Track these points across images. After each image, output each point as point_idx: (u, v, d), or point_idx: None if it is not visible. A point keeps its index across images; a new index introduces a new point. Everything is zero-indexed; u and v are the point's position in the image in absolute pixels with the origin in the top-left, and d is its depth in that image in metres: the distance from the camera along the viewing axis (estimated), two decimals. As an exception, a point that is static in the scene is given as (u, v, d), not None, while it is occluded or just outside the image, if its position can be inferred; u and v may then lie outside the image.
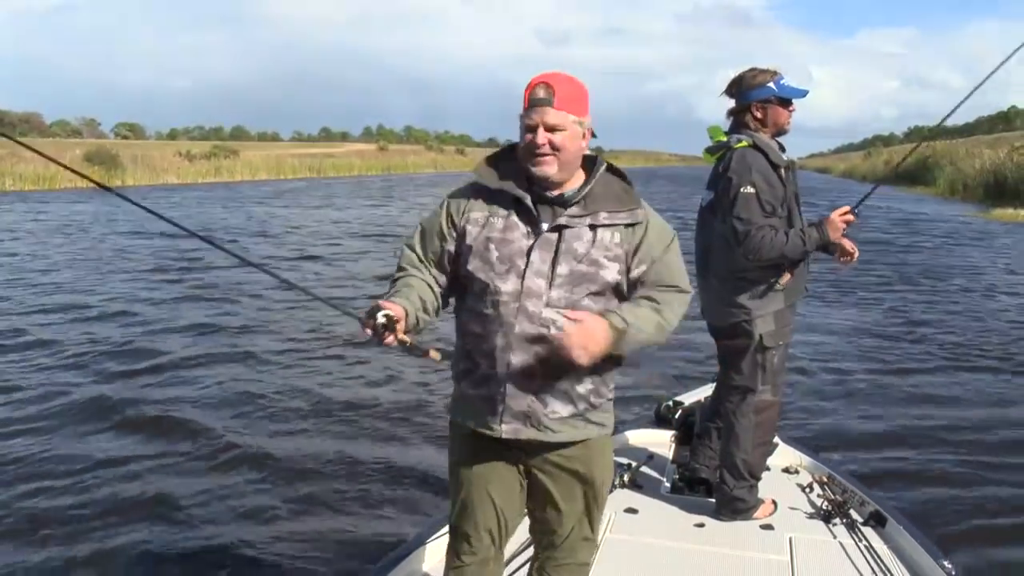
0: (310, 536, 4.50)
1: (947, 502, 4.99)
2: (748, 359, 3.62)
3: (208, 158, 51.92)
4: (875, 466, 5.51)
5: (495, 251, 2.26)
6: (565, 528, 2.46)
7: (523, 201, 2.27)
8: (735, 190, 3.42)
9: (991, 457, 5.74)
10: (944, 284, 13.50)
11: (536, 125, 2.21)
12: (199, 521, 4.67)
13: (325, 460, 5.57)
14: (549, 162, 2.23)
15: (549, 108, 2.20)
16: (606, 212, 2.27)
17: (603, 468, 2.45)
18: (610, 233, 2.27)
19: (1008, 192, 29.24)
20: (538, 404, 2.28)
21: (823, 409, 6.82)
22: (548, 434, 2.30)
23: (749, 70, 3.58)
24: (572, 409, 2.30)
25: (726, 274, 3.57)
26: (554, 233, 2.25)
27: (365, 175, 60.86)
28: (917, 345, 9.19)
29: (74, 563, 4.19)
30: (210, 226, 20.16)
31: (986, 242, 19.89)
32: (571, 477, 2.39)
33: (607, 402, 2.40)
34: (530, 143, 2.23)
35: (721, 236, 3.54)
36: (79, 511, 4.74)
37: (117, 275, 13.23)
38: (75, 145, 50.22)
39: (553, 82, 2.22)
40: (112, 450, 5.72)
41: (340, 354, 8.36)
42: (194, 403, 6.77)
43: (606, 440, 2.45)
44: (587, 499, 2.44)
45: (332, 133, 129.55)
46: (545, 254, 2.24)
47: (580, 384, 2.29)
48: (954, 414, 6.73)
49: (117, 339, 8.80)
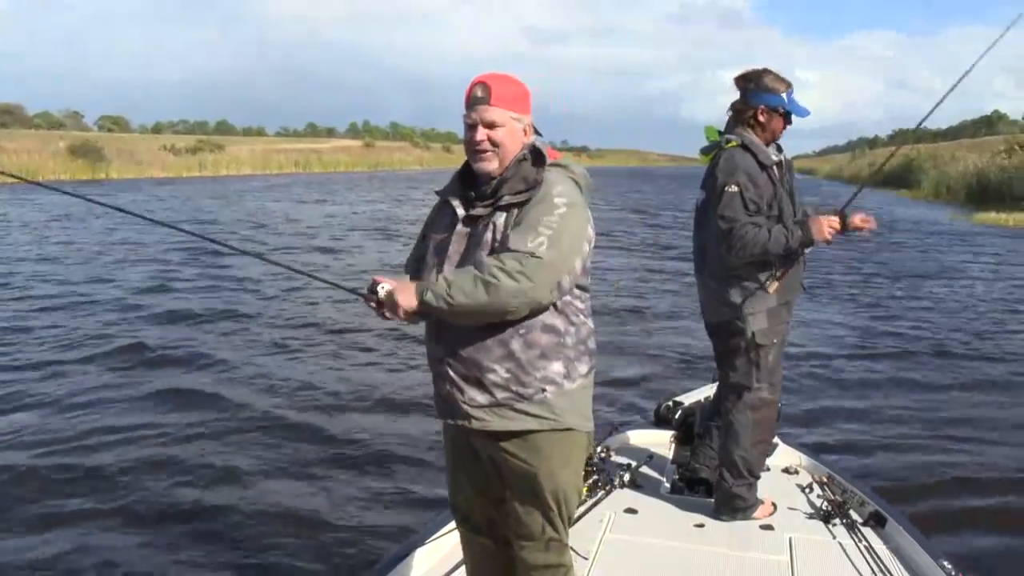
0: (310, 536, 4.48)
1: (945, 500, 5.03)
2: (742, 357, 3.65)
3: (193, 152, 51.61)
4: (871, 463, 5.54)
5: (430, 246, 2.42)
6: (524, 523, 2.44)
7: (449, 200, 2.41)
8: (720, 188, 3.50)
9: (990, 455, 5.80)
10: (931, 283, 13.62)
11: (475, 123, 2.32)
12: (197, 521, 4.64)
13: (325, 460, 5.55)
14: (489, 158, 2.33)
15: (486, 106, 2.31)
16: (510, 195, 2.31)
17: (555, 465, 2.37)
18: (513, 216, 2.29)
19: (991, 196, 29.46)
20: (456, 391, 2.33)
21: (822, 409, 6.85)
22: (473, 422, 2.33)
23: (768, 72, 3.59)
24: (489, 398, 2.30)
25: (720, 272, 3.62)
26: (468, 226, 2.34)
27: (351, 171, 60.66)
28: (912, 343, 9.25)
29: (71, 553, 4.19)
30: (208, 220, 20.07)
31: (968, 244, 20.01)
32: (518, 470, 2.37)
33: (543, 392, 2.31)
34: (470, 140, 2.34)
35: (714, 235, 3.57)
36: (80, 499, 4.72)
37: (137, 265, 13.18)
38: (59, 137, 49.75)
39: (490, 81, 2.33)
40: (104, 435, 5.75)
41: (346, 343, 8.41)
42: (185, 397, 6.76)
43: (561, 437, 2.36)
44: (537, 497, 2.39)
45: (318, 129, 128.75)
46: (460, 245, 2.34)
47: (491, 372, 2.28)
48: (950, 410, 6.81)
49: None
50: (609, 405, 6.56)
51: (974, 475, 5.44)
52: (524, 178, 2.32)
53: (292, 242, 17.71)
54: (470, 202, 2.37)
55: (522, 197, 2.29)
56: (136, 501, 4.82)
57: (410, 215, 24.67)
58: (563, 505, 2.43)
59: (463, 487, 2.58)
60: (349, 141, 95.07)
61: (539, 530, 2.43)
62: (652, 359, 7.72)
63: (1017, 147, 32.11)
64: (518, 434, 2.33)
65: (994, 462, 5.67)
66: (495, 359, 2.28)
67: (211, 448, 5.68)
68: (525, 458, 2.35)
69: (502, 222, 2.28)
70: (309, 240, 18.19)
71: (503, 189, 2.32)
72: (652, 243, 19.47)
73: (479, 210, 2.33)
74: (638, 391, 6.96)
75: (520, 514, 2.43)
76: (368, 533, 4.51)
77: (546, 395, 2.31)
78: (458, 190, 2.42)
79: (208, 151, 52.78)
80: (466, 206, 2.37)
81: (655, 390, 6.79)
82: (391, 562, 3.16)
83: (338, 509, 4.81)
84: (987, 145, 40.77)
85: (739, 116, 3.63)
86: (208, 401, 6.64)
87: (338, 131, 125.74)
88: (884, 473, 5.37)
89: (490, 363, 2.28)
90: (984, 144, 42.26)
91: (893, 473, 5.42)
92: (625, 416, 6.06)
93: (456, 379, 2.32)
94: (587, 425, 2.43)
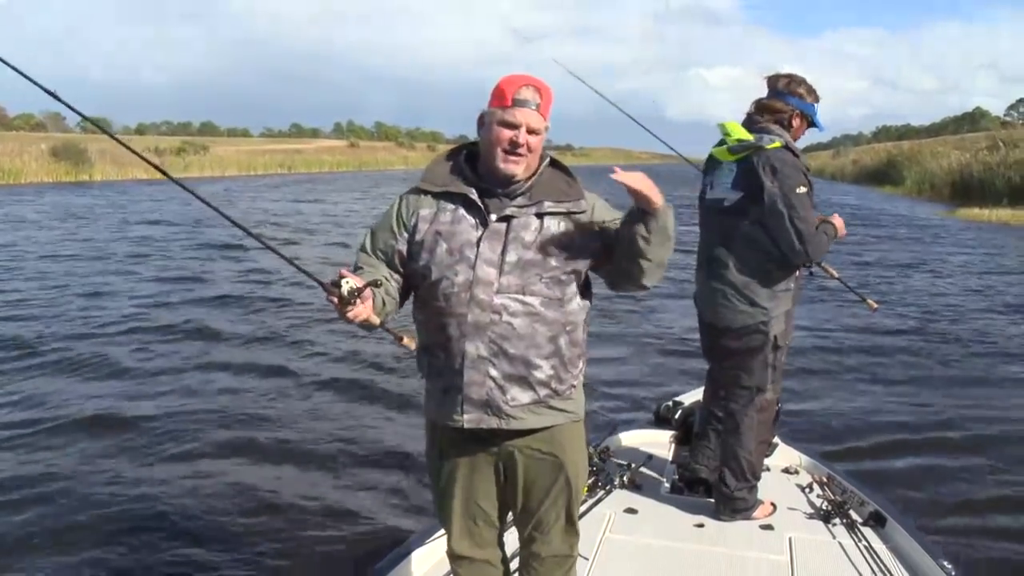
0: (310, 536, 4.46)
1: (945, 500, 5.05)
2: (759, 359, 3.62)
3: (177, 153, 51.28)
4: (871, 463, 5.55)
5: (444, 244, 2.29)
6: (544, 518, 2.47)
7: (469, 196, 2.31)
8: (790, 190, 3.43)
9: (986, 453, 5.83)
10: (928, 281, 13.68)
11: (520, 124, 2.25)
12: (195, 520, 4.61)
13: (324, 459, 5.54)
14: (520, 161, 2.27)
15: (536, 112, 2.26)
16: (551, 201, 2.31)
17: (575, 454, 2.46)
18: (556, 222, 2.31)
19: (974, 192, 29.67)
20: (497, 392, 2.29)
21: (821, 409, 6.86)
22: (511, 422, 2.32)
23: (805, 81, 3.63)
24: (533, 395, 2.31)
25: (750, 274, 3.56)
26: (502, 223, 2.29)
27: (336, 171, 60.48)
28: (911, 343, 9.30)
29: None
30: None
31: (951, 239, 20.15)
32: (542, 465, 2.40)
33: (572, 388, 2.39)
34: (512, 140, 2.25)
35: (745, 237, 3.53)
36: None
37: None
38: (41, 139, 49.30)
39: (542, 88, 2.28)
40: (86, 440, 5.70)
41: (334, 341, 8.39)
42: (178, 396, 6.70)
43: (576, 427, 2.46)
44: (562, 486, 2.44)
45: (303, 129, 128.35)
46: (495, 244, 2.27)
47: (538, 370, 2.30)
48: (951, 410, 6.84)
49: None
50: (609, 405, 6.57)
51: (974, 475, 5.45)
52: (562, 190, 2.33)
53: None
54: (489, 199, 2.32)
55: (563, 207, 2.31)
56: (115, 509, 4.75)
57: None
58: (577, 492, 2.51)
59: (461, 496, 2.47)
60: (334, 141, 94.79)
61: (558, 520, 2.49)
62: (652, 359, 7.72)
63: (1000, 143, 32.35)
64: (544, 429, 2.37)
65: (995, 462, 5.68)
66: (544, 356, 2.30)
67: (206, 443, 5.68)
68: (551, 451, 2.40)
69: (536, 226, 2.28)
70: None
71: (540, 195, 2.31)
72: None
73: (513, 210, 2.29)
74: (638, 391, 6.96)
75: (539, 508, 2.46)
76: (368, 533, 4.50)
77: (573, 391, 2.40)
78: (477, 186, 2.33)
79: (193, 152, 52.46)
80: (487, 204, 2.31)
81: (655, 390, 6.81)
82: (391, 562, 3.15)
83: (338, 509, 4.80)
84: (970, 142, 41.03)
85: (776, 115, 3.59)
86: (176, 404, 6.59)
87: (323, 131, 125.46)
88: (884, 473, 5.37)
89: (539, 360, 2.30)
90: (967, 141, 42.50)
91: (893, 473, 5.43)
92: (625, 416, 6.07)
93: (499, 378, 2.29)
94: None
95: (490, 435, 2.36)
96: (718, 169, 3.68)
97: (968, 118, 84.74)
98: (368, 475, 5.32)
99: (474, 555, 2.54)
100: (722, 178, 3.64)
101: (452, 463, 2.45)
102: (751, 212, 3.51)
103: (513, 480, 2.44)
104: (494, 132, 2.26)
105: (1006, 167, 28.47)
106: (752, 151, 3.51)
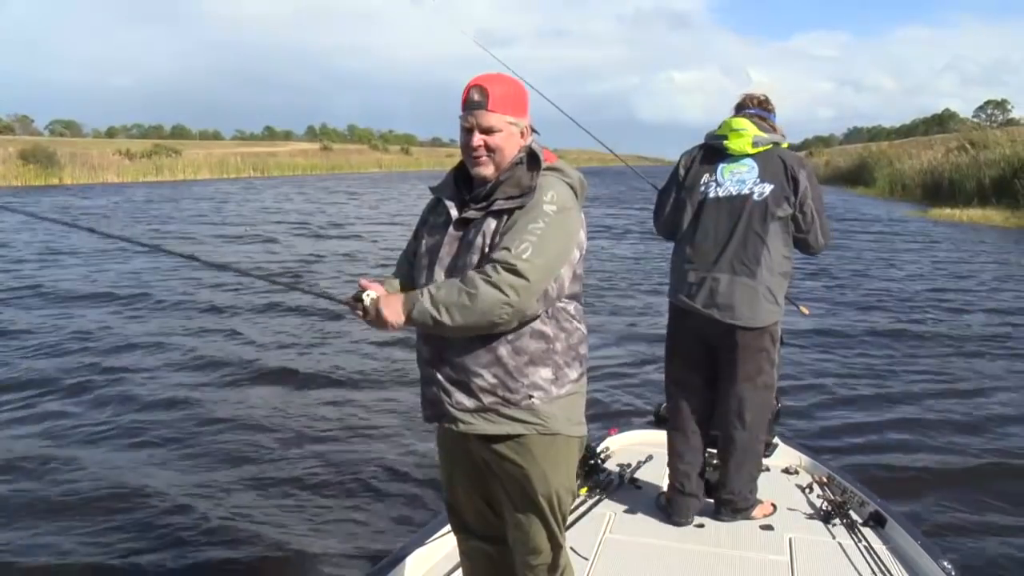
0: (309, 536, 4.44)
1: (945, 500, 5.06)
2: (767, 356, 3.60)
3: (149, 156, 50.75)
4: (871, 463, 5.57)
5: (423, 247, 2.39)
6: (522, 526, 2.42)
7: (441, 200, 2.38)
8: (817, 188, 3.57)
9: (982, 452, 5.87)
10: (922, 280, 13.81)
11: (471, 127, 2.28)
12: (194, 521, 4.57)
13: (324, 459, 5.52)
14: (485, 163, 2.29)
15: (483, 111, 2.26)
16: (503, 199, 2.27)
17: (547, 466, 2.34)
18: (507, 218, 2.26)
19: (944, 192, 30.03)
20: (442, 394, 2.31)
21: (821, 409, 6.88)
22: (460, 425, 2.31)
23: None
24: (476, 402, 2.28)
25: (779, 270, 3.54)
26: (460, 228, 2.31)
27: (309, 175, 60.20)
28: (911, 339, 9.38)
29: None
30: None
31: (924, 239, 20.38)
32: (511, 472, 2.36)
33: (536, 400, 2.28)
34: (466, 145, 2.30)
35: (776, 231, 3.50)
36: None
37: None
38: (8, 143, 48.58)
39: (487, 84, 2.28)
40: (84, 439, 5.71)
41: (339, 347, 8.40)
42: (175, 397, 6.72)
43: (551, 440, 2.33)
44: (535, 498, 2.36)
45: (275, 132, 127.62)
46: (451, 248, 2.31)
47: (478, 377, 2.26)
48: (951, 409, 6.88)
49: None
50: (609, 405, 6.57)
51: (974, 475, 5.47)
52: (518, 183, 2.28)
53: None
54: (464, 204, 2.34)
55: (515, 203, 2.25)
56: (114, 508, 4.74)
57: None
58: (556, 507, 2.42)
59: (457, 487, 2.56)
60: (307, 144, 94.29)
61: (537, 532, 2.42)
62: (652, 359, 7.70)
63: (968, 144, 32.75)
64: (509, 436, 2.32)
65: (995, 461, 5.71)
66: (483, 364, 2.26)
67: (206, 456, 5.62)
68: (517, 460, 2.34)
69: (493, 228, 2.25)
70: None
71: (497, 193, 2.28)
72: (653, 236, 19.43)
73: (472, 213, 2.30)
74: (638, 391, 6.98)
75: (518, 518, 2.42)
76: (367, 533, 4.49)
77: (533, 401, 2.29)
78: (453, 191, 2.39)
79: (165, 155, 51.93)
80: (460, 208, 2.33)
81: (655, 390, 6.76)
82: (391, 563, 3.14)
83: (337, 509, 4.79)
84: (940, 143, 41.52)
85: (762, 121, 3.65)
86: (181, 407, 6.56)
87: (296, 134, 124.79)
88: (884, 473, 5.38)
89: (478, 368, 2.26)
90: (936, 143, 43.00)
91: (893, 473, 5.43)
92: (625, 416, 6.09)
93: (443, 382, 2.30)
94: (578, 430, 2.41)
95: (462, 436, 2.36)
96: (727, 162, 3.58)
97: (937, 119, 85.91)
98: (368, 475, 5.29)
99: (468, 539, 2.63)
100: (740, 172, 3.55)
101: (444, 456, 2.56)
102: (783, 206, 3.49)
103: (493, 481, 2.44)
104: (461, 139, 2.33)
105: (976, 168, 28.80)
106: (773, 146, 3.58)
